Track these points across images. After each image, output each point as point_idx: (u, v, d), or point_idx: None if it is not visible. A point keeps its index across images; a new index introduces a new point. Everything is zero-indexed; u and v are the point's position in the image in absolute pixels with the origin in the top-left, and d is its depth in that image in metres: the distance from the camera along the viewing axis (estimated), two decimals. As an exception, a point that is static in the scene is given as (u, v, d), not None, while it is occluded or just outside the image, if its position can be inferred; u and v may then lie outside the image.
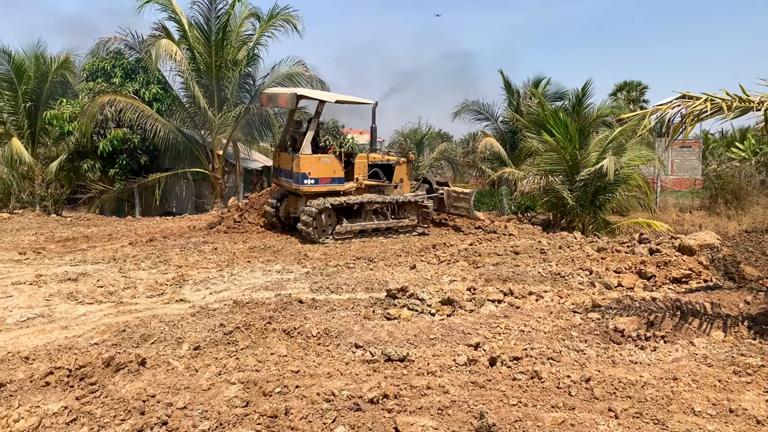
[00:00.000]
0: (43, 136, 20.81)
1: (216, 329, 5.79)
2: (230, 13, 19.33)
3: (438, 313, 6.52)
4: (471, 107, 25.27)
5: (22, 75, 19.91)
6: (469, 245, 11.06)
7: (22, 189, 20.64)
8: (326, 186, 12.59)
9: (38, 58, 20.44)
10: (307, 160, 12.46)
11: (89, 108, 18.37)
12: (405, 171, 13.99)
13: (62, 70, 20.66)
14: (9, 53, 19.96)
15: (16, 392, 4.27)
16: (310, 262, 10.17)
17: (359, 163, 13.30)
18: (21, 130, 20.17)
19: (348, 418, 3.77)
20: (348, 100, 15.32)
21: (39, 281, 8.60)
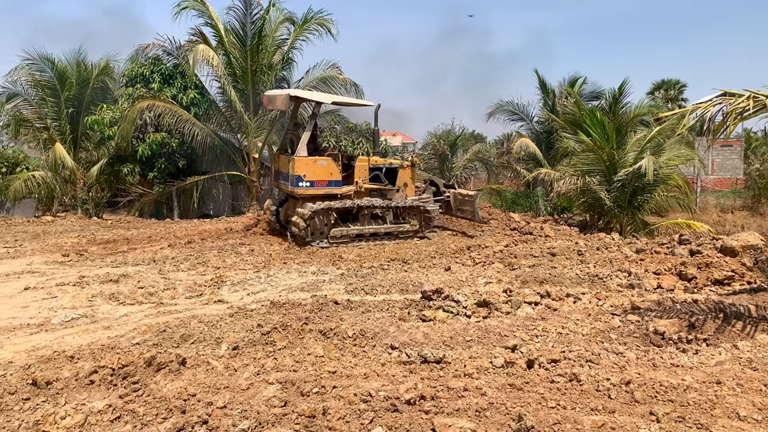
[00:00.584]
0: (84, 141, 21.33)
1: (254, 329, 5.87)
2: (265, 18, 19.55)
3: (474, 315, 6.49)
4: (505, 107, 25.07)
5: (64, 81, 20.46)
6: (505, 247, 10.98)
7: (64, 192, 21.20)
8: (322, 189, 12.34)
9: (80, 64, 20.97)
10: (303, 162, 12.20)
11: (129, 113, 18.78)
12: (409, 175, 13.61)
13: (102, 76, 21.15)
14: (52, 60, 20.53)
15: (63, 390, 4.39)
16: (345, 264, 10.22)
17: (359, 166, 12.97)
18: (63, 135, 20.72)
19: (385, 419, 3.78)
20: (346, 101, 15.15)
21: (82, 282, 8.82)
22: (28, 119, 21.24)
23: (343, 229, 12.38)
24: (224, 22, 19.73)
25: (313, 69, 21.38)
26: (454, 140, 25.43)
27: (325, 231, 12.26)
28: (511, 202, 22.12)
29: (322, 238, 12.20)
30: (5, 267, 10.32)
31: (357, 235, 12.53)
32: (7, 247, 12.52)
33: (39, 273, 9.77)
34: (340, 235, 12.29)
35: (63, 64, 20.79)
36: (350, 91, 20.92)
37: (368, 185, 13.01)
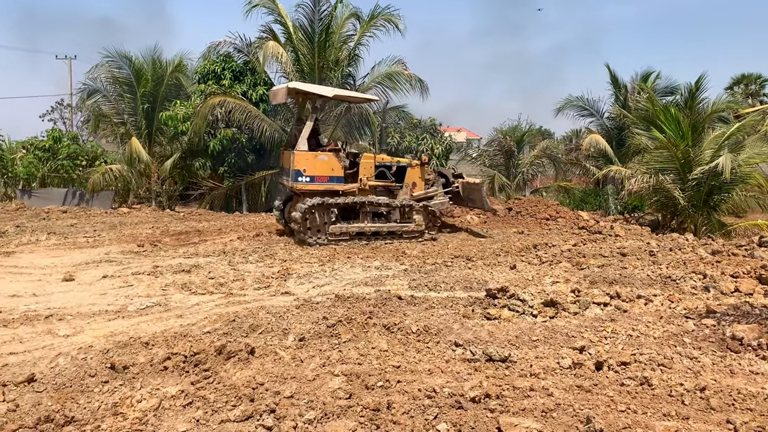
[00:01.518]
0: (158, 136, 22.16)
1: (319, 322, 5.95)
2: (332, 14, 19.76)
3: (540, 314, 6.37)
4: (574, 103, 24.50)
5: (140, 78, 21.30)
6: (573, 246, 10.74)
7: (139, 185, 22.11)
8: (323, 185, 12.02)
9: (155, 62, 21.77)
10: (303, 156, 11.92)
11: (201, 109, 19.37)
12: (418, 174, 13.16)
13: (176, 73, 21.91)
14: (130, 58, 21.40)
15: (138, 375, 4.58)
16: (408, 260, 10.24)
17: (365, 163, 12.63)
18: (139, 131, 21.59)
19: (450, 416, 3.77)
20: (348, 95, 14.63)
21: (156, 272, 9.17)
22: (107, 115, 22.22)
23: (342, 226, 12.05)
24: (293, 19, 20.06)
25: (378, 65, 21.47)
26: (520, 136, 25.03)
27: (323, 228, 11.97)
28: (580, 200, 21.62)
29: (320, 235, 11.92)
30: (85, 256, 10.85)
31: (358, 233, 12.18)
32: (87, 237, 13.14)
33: (116, 262, 10.21)
34: (339, 233, 11.99)
35: (140, 61, 21.64)
36: (415, 86, 20.90)
37: (373, 182, 12.63)
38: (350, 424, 3.57)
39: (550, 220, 15.01)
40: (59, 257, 10.79)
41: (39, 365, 4.93)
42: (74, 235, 13.38)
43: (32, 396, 4.20)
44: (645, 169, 15.75)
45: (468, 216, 15.58)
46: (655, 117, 16.31)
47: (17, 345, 5.56)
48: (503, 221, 15.28)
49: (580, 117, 25.26)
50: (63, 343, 5.58)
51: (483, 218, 15.50)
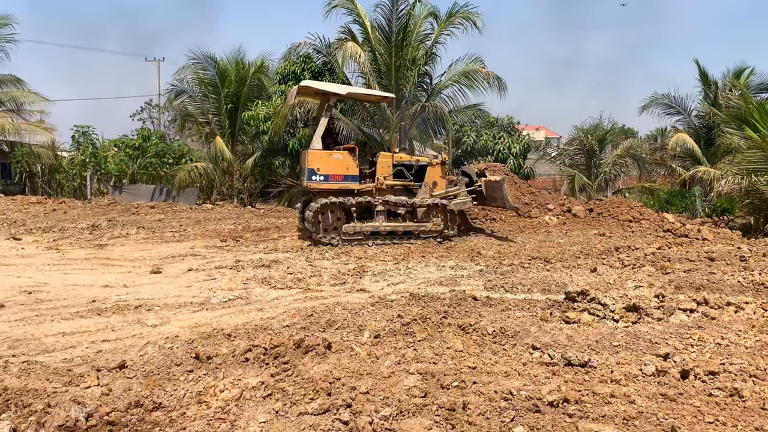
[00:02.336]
0: (241, 135, 22.90)
1: (394, 320, 5.99)
2: (410, 13, 19.83)
3: (622, 319, 6.16)
4: (660, 101, 23.57)
5: (224, 79, 22.08)
6: (657, 249, 10.33)
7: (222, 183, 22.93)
8: (337, 183, 11.86)
9: (238, 63, 22.51)
10: (317, 155, 11.79)
11: (281, 109, 19.88)
12: (439, 173, 12.80)
13: (258, 74, 22.57)
14: (215, 59, 22.22)
15: (221, 365, 4.75)
16: (484, 260, 10.14)
17: (382, 162, 12.41)
18: (223, 130, 22.38)
19: (527, 419, 3.71)
20: (362, 93, 14.33)
21: (237, 266, 9.48)
22: (193, 114, 23.18)
23: (356, 225, 11.84)
24: (371, 19, 20.27)
25: (455, 63, 21.38)
26: (602, 135, 24.28)
27: (337, 227, 11.83)
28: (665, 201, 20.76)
29: (333, 235, 11.79)
30: (172, 249, 11.36)
31: (372, 232, 11.96)
32: (173, 232, 13.74)
33: (200, 256, 10.64)
34: (352, 232, 11.80)
35: (224, 62, 22.44)
36: (493, 84, 20.68)
37: (391, 182, 12.39)
38: (425, 423, 3.57)
39: (633, 222, 14.50)
40: (147, 250, 11.35)
41: (129, 353, 5.20)
42: (161, 230, 14.02)
43: (123, 381, 4.43)
44: (736, 170, 14.97)
45: (546, 217, 15.26)
46: (749, 115, 15.44)
47: (110, 333, 5.89)
48: (584, 223, 14.88)
49: (666, 115, 24.33)
50: (151, 333, 5.86)
51: (562, 219, 15.15)
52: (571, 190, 22.51)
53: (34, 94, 26.02)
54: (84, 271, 9.32)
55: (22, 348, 5.36)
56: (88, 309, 6.79)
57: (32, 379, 4.36)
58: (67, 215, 16.83)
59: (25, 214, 16.99)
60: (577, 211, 15.40)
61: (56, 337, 5.74)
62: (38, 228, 14.23)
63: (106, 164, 24.12)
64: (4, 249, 11.34)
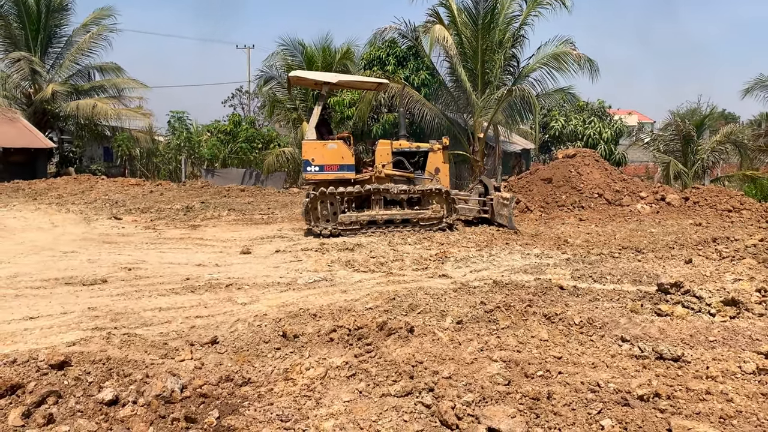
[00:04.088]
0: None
1: (477, 306, 5.94)
2: (498, -6, 19.44)
3: (719, 313, 5.84)
4: (765, 83, 22.01)
5: (312, 65, 22.48)
6: (760, 241, 9.69)
7: (308, 167, 23.39)
8: (333, 173, 11.63)
9: (325, 49, 22.86)
10: (311, 146, 11.65)
11: (366, 95, 20.01)
12: (441, 160, 12.33)
13: (344, 59, 22.85)
14: (303, 45, 22.66)
15: (307, 344, 4.88)
16: (571, 249, 9.87)
17: (381, 150, 12.08)
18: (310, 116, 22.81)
19: (615, 412, 3.59)
20: (354, 80, 13.85)
21: (322, 249, 9.69)
22: (281, 101, 23.75)
23: (352, 215, 11.53)
24: (457, 2, 20.02)
25: (544, 46, 20.81)
26: (701, 120, 22.99)
27: (332, 217, 11.55)
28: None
29: (328, 225, 11.48)
30: (261, 231, 11.74)
31: (369, 221, 11.60)
32: (262, 214, 14.20)
33: (287, 238, 10.94)
34: (348, 222, 11.47)
35: (311, 48, 22.86)
36: (584, 67, 19.97)
37: (390, 171, 12.03)
38: (509, 410, 3.53)
39: (732, 211, 13.68)
40: (238, 232, 11.79)
41: (221, 329, 5.42)
42: (251, 212, 14.51)
43: (215, 356, 4.63)
44: None
45: (638, 205, 14.66)
46: None
47: (203, 309, 6.17)
48: (678, 212, 14.19)
49: (772, 99, 22.68)
50: (241, 310, 6.09)
51: (655, 208, 14.51)
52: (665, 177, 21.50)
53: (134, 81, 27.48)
54: (179, 251, 9.80)
55: (123, 321, 5.70)
56: (183, 286, 7.13)
57: (132, 351, 4.63)
58: (163, 197, 17.72)
59: (125, 195, 18.02)
60: (672, 200, 14.68)
61: (153, 312, 6.07)
62: (137, 209, 15.06)
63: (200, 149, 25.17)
64: (106, 228, 12.09)
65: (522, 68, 21.28)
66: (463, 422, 3.45)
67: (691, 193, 15.16)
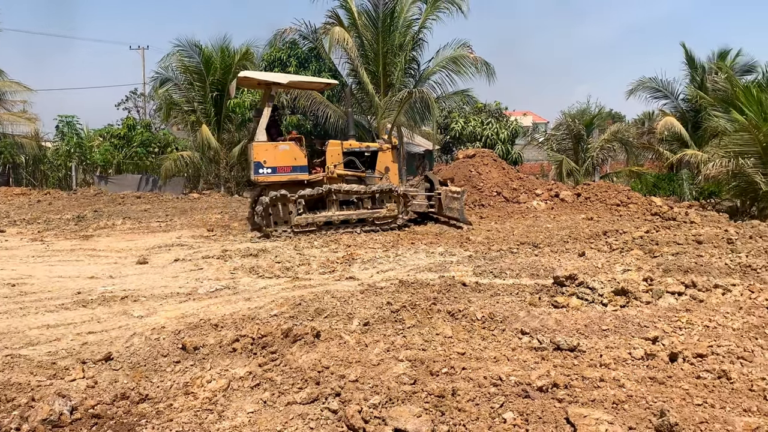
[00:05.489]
0: (227, 123, 22.74)
1: (383, 307, 5.96)
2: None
3: (610, 303, 6.17)
4: (647, 84, 23.60)
5: (210, 67, 21.86)
6: (645, 233, 10.35)
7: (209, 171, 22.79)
8: (286, 175, 11.57)
9: (223, 50, 22.29)
10: (262, 147, 11.50)
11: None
12: (390, 158, 12.66)
13: (244, 61, 22.37)
14: (200, 46, 21.98)
15: (208, 356, 4.71)
16: (473, 246, 10.13)
17: (331, 150, 12.12)
18: (209, 118, 22.18)
19: (516, 404, 3.69)
20: (304, 81, 14.07)
21: (225, 256, 9.42)
22: (178, 103, 22.95)
23: (308, 216, 11.60)
24: (357, 5, 20.12)
25: (443, 49, 21.29)
26: (590, 120, 24.28)
27: (289, 219, 11.58)
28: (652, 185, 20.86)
29: (284, 227, 11.53)
30: (158, 239, 11.26)
31: (326, 222, 11.73)
32: (159, 222, 13.63)
33: (187, 246, 10.55)
34: (305, 223, 11.54)
35: (209, 50, 22.22)
36: (481, 70, 20.59)
37: (342, 171, 12.16)
38: (415, 410, 3.55)
39: (620, 206, 14.53)
40: (134, 241, 11.25)
41: (115, 344, 5.14)
42: (147, 220, 13.90)
43: (109, 373, 4.38)
44: (723, 153, 15.05)
45: (534, 202, 15.27)
46: (735, 98, 15.49)
47: (95, 324, 5.83)
48: (571, 207, 14.91)
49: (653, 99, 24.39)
50: (137, 324, 5.80)
51: (550, 204, 15.17)
52: (558, 175, 22.54)
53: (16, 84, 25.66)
54: (69, 263, 9.22)
55: (6, 341, 5.28)
56: (73, 301, 6.71)
57: (16, 373, 4.29)
58: (52, 206, 16.66)
59: (9, 206, 16.80)
60: (565, 196, 15.42)
61: (40, 329, 5.67)
62: (22, 220, 14.07)
63: (92, 154, 23.88)
64: (-12, 241, 11.19)
65: (423, 71, 21.67)
66: (369, 425, 3.43)
67: (583, 189, 15.97)
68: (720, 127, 16.51)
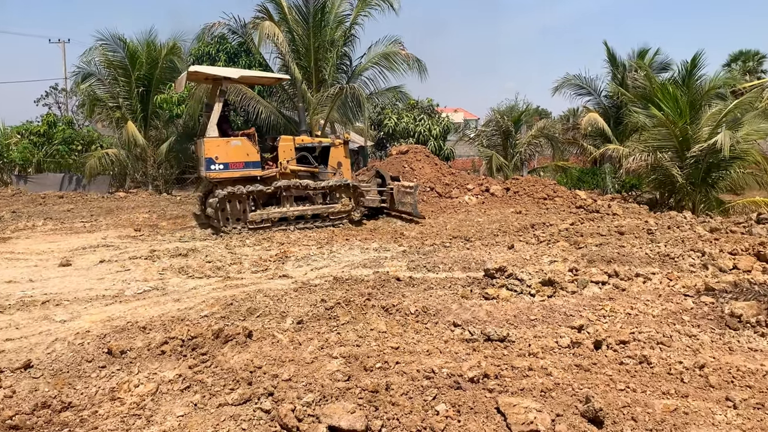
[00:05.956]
0: (154, 120, 22.02)
1: (318, 304, 5.94)
2: (328, -7, 19.54)
3: (538, 293, 6.36)
4: (572, 81, 24.35)
5: (135, 61, 21.10)
6: (570, 225, 10.71)
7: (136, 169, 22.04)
8: (238, 171, 11.53)
9: (149, 45, 21.56)
10: (214, 143, 11.38)
11: (195, 92, 19.23)
12: (342, 153, 12.75)
13: (171, 56, 21.70)
14: (124, 40, 21.18)
15: (136, 359, 4.56)
16: (407, 241, 10.21)
17: (283, 146, 12.08)
18: (135, 114, 21.42)
19: (449, 396, 3.75)
20: (255, 75, 14.21)
21: (153, 256, 9.14)
22: (102, 99, 22.06)
23: (262, 213, 11.60)
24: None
25: (375, 45, 21.27)
26: (518, 116, 24.87)
27: (242, 216, 11.53)
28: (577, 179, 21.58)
29: (238, 224, 11.47)
30: (82, 240, 10.82)
31: (281, 218, 11.75)
32: (84, 222, 13.10)
33: (113, 247, 10.18)
34: (260, 220, 11.53)
35: (134, 44, 21.44)
36: (413, 66, 20.71)
37: (294, 166, 12.15)
38: (349, 406, 3.55)
39: (547, 199, 14.97)
40: (56, 242, 10.77)
41: (36, 351, 4.91)
42: (71, 221, 13.33)
43: (29, 382, 4.18)
44: (643, 148, 15.70)
45: (466, 197, 15.54)
46: (653, 95, 16.21)
47: (14, 331, 5.55)
48: (501, 201, 15.25)
49: (577, 96, 25.18)
50: (60, 329, 5.56)
51: (481, 199, 15.46)
52: (489, 170, 22.98)
53: None
54: (-16, 267, 8.74)
55: None
56: (-11, 307, 6.36)
57: (-75, 386, 4.04)
58: (-36, 208, 15.72)
59: None
60: (495, 191, 15.76)
61: (-47, 338, 5.35)
62: (-68, 222, 13.22)
63: (9, 153, 22.68)
64: None
65: (355, 67, 21.61)
66: (303, 423, 3.41)
67: (512, 183, 16.36)
68: (640, 123, 17.22)
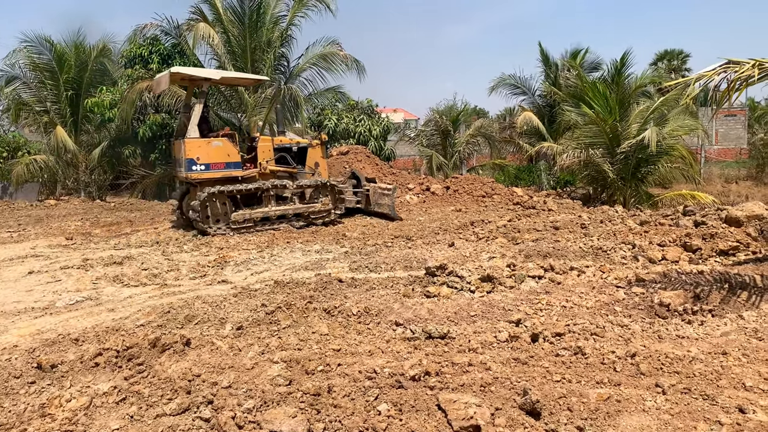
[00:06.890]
0: (85, 124, 21.25)
1: (258, 309, 5.87)
2: (263, -6, 19.31)
3: (478, 290, 6.47)
4: (507, 81, 24.86)
5: (63, 64, 20.32)
6: (508, 221, 10.94)
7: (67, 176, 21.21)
8: (219, 172, 11.58)
9: (78, 46, 20.80)
10: (194, 144, 11.36)
11: (128, 95, 18.68)
12: (320, 154, 13.05)
13: (101, 58, 21.00)
14: (51, 42, 20.36)
15: (68, 373, 4.40)
16: (349, 242, 10.21)
17: (262, 146, 12.20)
18: (64, 119, 20.63)
19: (390, 396, 3.78)
20: (236, 77, 14.30)
21: (86, 265, 8.83)
22: (28, 103, 21.15)
23: (245, 212, 11.65)
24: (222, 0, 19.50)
25: (312, 46, 21.16)
26: (456, 116, 25.22)
27: (224, 216, 11.58)
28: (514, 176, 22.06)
29: (221, 225, 11.51)
30: (9, 251, 10.34)
31: (263, 218, 11.87)
32: (11, 232, 12.54)
33: (43, 257, 9.78)
34: (242, 220, 11.57)
35: (61, 46, 20.65)
36: (351, 67, 20.73)
37: (274, 167, 12.29)
38: (290, 411, 3.53)
39: (486, 197, 15.24)
40: (-20, 254, 10.25)
41: (-41, 369, 4.67)
42: (-4, 231, 12.72)
43: (-49, 402, 3.97)
44: (575, 145, 16.17)
45: (407, 196, 15.66)
46: (584, 93, 16.72)
47: (-66, 349, 5.25)
48: (442, 200, 15.44)
49: (512, 95, 25.71)
50: (-15, 345, 5.30)
51: (422, 198, 15.61)
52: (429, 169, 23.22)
53: None
54: None
55: None
56: None
57: None
58: None
59: None
60: (436, 189, 15.95)
61: None
62: None
63: (-74, 161, 21.46)
64: None
65: (293, 68, 21.45)
66: (244, 430, 3.37)
67: (452, 182, 16.59)
68: (572, 121, 17.73)
